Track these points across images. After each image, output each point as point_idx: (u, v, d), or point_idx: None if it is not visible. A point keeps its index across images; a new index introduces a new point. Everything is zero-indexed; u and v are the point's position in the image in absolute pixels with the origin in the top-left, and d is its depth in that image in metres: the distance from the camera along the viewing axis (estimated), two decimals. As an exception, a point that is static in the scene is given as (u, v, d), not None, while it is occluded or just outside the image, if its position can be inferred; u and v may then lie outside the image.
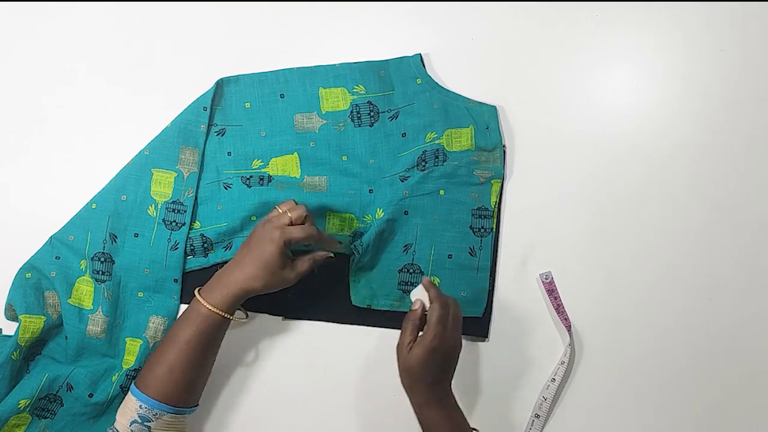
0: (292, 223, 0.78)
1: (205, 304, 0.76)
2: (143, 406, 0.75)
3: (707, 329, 0.86)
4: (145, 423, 0.75)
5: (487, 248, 0.86)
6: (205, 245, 0.87)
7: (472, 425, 0.75)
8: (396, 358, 0.75)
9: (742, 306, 0.86)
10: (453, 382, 0.77)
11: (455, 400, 0.76)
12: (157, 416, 0.75)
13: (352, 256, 0.86)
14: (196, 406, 0.80)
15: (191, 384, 0.78)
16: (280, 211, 0.79)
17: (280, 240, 0.76)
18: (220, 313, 0.76)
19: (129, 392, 0.77)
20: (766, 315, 0.86)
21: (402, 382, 0.75)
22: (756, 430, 0.85)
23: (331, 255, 0.83)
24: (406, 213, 0.86)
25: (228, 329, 0.80)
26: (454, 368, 0.76)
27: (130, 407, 0.75)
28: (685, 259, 0.86)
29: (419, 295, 0.76)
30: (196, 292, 0.78)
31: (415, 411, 0.75)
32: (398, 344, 0.75)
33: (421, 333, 0.74)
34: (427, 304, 0.75)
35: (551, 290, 0.85)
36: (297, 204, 0.80)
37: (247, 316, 0.82)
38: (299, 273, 0.80)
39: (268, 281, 0.77)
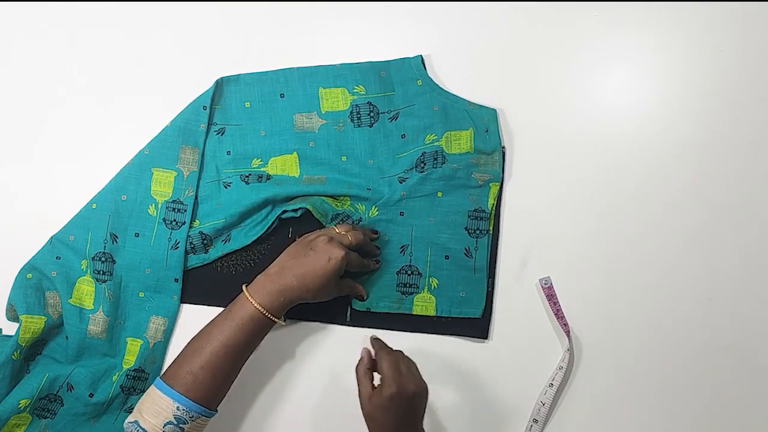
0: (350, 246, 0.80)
1: (255, 304, 0.75)
2: (181, 408, 0.72)
3: (707, 330, 0.86)
4: (180, 425, 0.72)
5: (483, 249, 0.86)
6: (205, 241, 0.87)
7: (469, 429, 0.75)
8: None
9: (742, 306, 0.86)
10: (453, 383, 0.77)
11: None
12: (193, 419, 0.73)
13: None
14: None
15: (227, 386, 0.77)
16: (340, 231, 0.81)
17: (343, 261, 0.78)
18: (270, 315, 0.75)
19: (159, 390, 0.73)
20: (766, 315, 0.86)
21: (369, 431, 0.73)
22: (756, 431, 0.85)
23: (364, 295, 0.85)
24: (401, 214, 0.87)
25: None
26: (422, 413, 0.73)
27: (164, 407, 0.72)
28: (685, 260, 0.86)
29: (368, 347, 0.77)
30: (244, 289, 0.77)
31: None
32: (359, 395, 0.74)
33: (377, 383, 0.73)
34: (373, 353, 0.76)
35: (550, 295, 0.85)
36: (355, 228, 0.82)
37: (285, 321, 0.80)
38: (340, 293, 0.82)
39: (320, 294, 0.78)
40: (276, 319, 0.77)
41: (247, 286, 0.77)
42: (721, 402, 0.85)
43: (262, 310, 0.75)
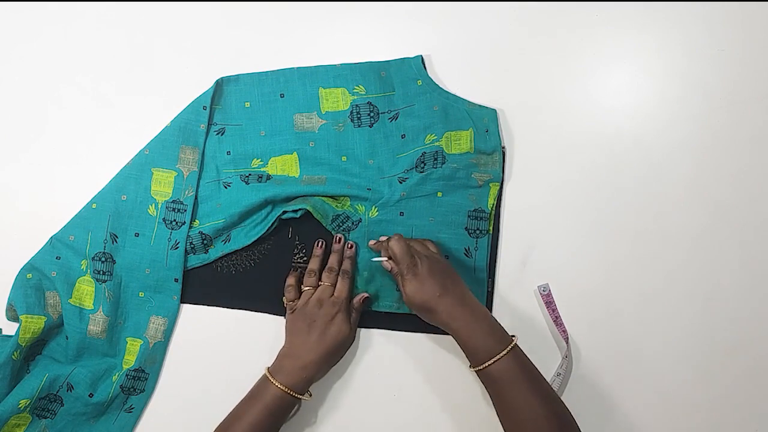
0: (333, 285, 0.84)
1: (278, 385, 0.77)
2: None
3: (708, 331, 0.86)
4: None
5: (483, 249, 0.86)
6: (205, 242, 0.88)
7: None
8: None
9: (742, 306, 0.86)
10: (453, 383, 0.77)
11: (475, 301, 0.77)
12: None
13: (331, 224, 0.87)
14: None
15: None
16: (325, 283, 0.84)
17: (341, 308, 0.82)
18: (294, 394, 0.78)
19: None
20: (766, 315, 0.86)
21: (426, 322, 0.78)
22: (757, 431, 0.85)
23: (366, 295, 0.85)
24: (401, 214, 0.87)
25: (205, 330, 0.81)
26: (453, 278, 0.78)
27: None
28: (685, 260, 0.86)
29: (379, 259, 0.82)
30: (266, 372, 0.80)
31: (452, 334, 0.76)
32: (402, 298, 0.78)
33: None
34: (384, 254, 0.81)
35: (549, 302, 0.85)
36: (339, 274, 0.85)
37: (311, 395, 0.81)
38: (355, 327, 0.85)
39: (342, 354, 0.84)
40: (303, 397, 0.79)
41: (268, 368, 0.80)
42: (722, 404, 0.85)
43: (286, 390, 0.77)
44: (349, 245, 0.86)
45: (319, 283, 0.85)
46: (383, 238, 0.83)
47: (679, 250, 0.87)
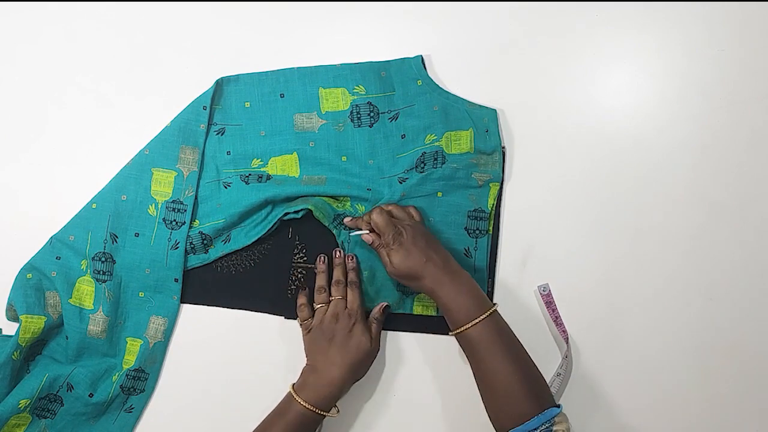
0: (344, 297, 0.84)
1: (303, 403, 0.77)
2: None
3: (708, 331, 0.86)
4: None
5: (482, 249, 0.86)
6: (205, 242, 0.87)
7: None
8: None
9: (742, 306, 0.86)
10: (452, 384, 0.77)
11: (458, 267, 0.79)
12: None
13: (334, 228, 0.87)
14: None
15: None
16: (336, 297, 0.83)
17: (358, 318, 0.82)
18: (320, 411, 0.78)
19: None
20: (766, 315, 0.86)
21: (414, 289, 0.82)
22: (756, 431, 0.85)
23: (386, 304, 0.85)
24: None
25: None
26: (437, 245, 0.79)
27: None
28: (685, 259, 0.86)
29: (360, 233, 0.83)
30: (291, 390, 0.79)
31: (437, 302, 0.78)
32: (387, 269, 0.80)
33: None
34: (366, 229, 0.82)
35: (549, 302, 0.85)
36: (325, 287, 0.84)
37: (338, 411, 0.81)
38: (378, 338, 0.84)
39: (367, 365, 0.82)
40: (328, 414, 0.79)
41: (293, 385, 0.80)
42: (722, 404, 0.85)
43: (311, 408, 0.77)
44: (350, 257, 0.86)
45: (330, 298, 0.84)
46: (361, 217, 0.84)
47: (679, 250, 0.87)
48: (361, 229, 0.83)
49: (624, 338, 0.86)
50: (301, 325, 0.85)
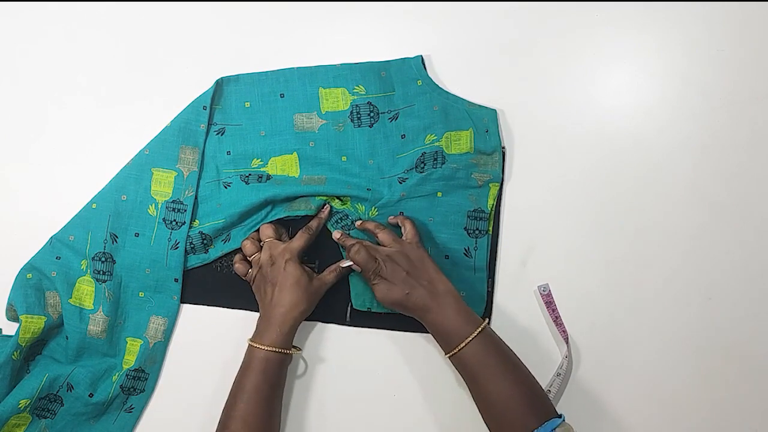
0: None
1: (261, 347, 0.79)
2: None
3: (708, 331, 0.86)
4: None
5: (482, 249, 0.86)
6: (205, 241, 0.88)
7: (468, 432, 0.76)
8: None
9: (742, 306, 0.86)
10: (452, 384, 0.76)
11: (445, 289, 0.78)
12: None
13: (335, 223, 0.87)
14: None
15: (274, 429, 0.80)
16: (256, 248, 0.85)
17: (292, 256, 0.82)
18: (280, 350, 0.79)
19: None
20: (766, 315, 0.86)
21: (406, 315, 0.80)
22: (756, 431, 0.85)
23: (351, 264, 0.84)
24: (401, 214, 0.86)
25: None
26: (420, 268, 0.79)
27: None
28: (685, 259, 0.86)
29: (347, 264, 0.83)
30: (248, 342, 0.80)
31: (425, 325, 0.78)
32: (377, 298, 0.80)
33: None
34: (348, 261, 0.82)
35: (549, 302, 0.85)
36: (264, 225, 0.86)
37: (300, 349, 0.84)
38: (326, 283, 0.84)
39: (308, 299, 0.81)
40: (289, 351, 0.80)
41: (250, 338, 0.81)
42: (721, 404, 0.85)
43: (270, 348, 0.78)
44: (326, 207, 0.87)
45: (261, 243, 0.85)
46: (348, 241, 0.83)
47: (679, 250, 0.87)
48: (352, 245, 0.82)
49: (624, 338, 0.86)
50: (245, 279, 0.86)
